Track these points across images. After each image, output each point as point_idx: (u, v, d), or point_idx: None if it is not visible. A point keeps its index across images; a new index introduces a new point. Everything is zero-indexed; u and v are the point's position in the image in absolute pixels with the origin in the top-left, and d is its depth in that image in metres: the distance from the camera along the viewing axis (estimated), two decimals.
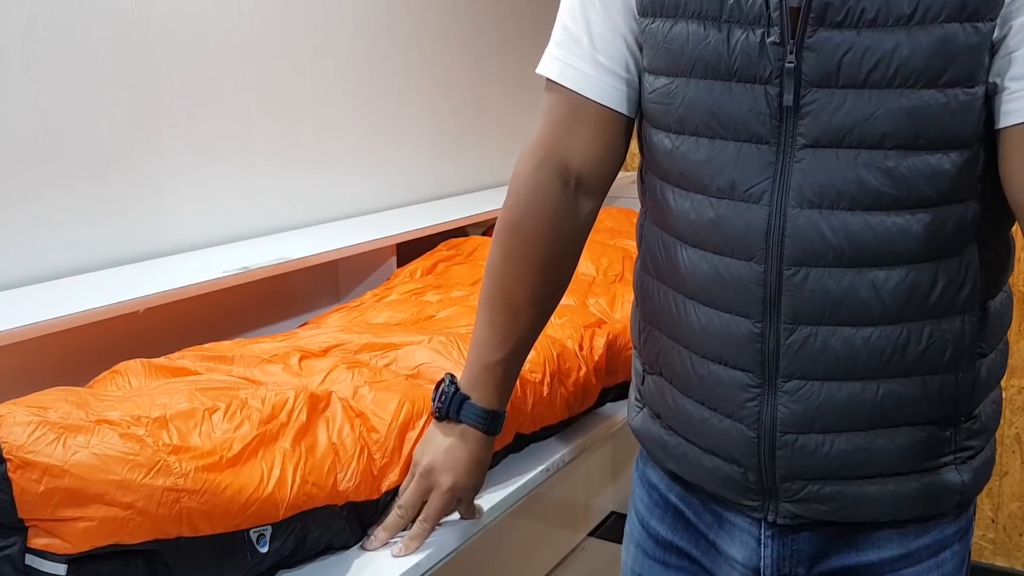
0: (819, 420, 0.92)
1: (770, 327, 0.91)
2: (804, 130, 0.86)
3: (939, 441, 0.94)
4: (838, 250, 0.87)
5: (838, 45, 0.83)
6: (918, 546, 0.97)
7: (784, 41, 0.85)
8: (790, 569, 0.99)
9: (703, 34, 0.89)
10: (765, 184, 0.88)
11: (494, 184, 2.57)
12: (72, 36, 1.46)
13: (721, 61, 0.88)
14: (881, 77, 0.83)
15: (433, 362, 1.35)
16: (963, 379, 0.92)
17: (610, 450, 1.68)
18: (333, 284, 2.07)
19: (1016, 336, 2.58)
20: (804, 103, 0.86)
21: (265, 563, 1.04)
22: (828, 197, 0.86)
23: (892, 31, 0.82)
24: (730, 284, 0.92)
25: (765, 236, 0.89)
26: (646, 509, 1.11)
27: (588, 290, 1.85)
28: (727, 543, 1.02)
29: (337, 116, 2.03)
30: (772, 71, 0.86)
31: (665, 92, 0.93)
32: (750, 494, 0.97)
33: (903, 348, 0.89)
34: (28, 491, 0.87)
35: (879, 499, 0.94)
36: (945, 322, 0.90)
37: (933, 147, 0.84)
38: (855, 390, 0.90)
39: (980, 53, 0.82)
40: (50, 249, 1.47)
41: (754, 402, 0.93)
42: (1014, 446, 2.61)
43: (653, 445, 1.07)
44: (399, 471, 1.18)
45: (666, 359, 1.02)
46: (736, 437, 0.95)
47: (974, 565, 2.66)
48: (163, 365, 1.26)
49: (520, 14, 2.67)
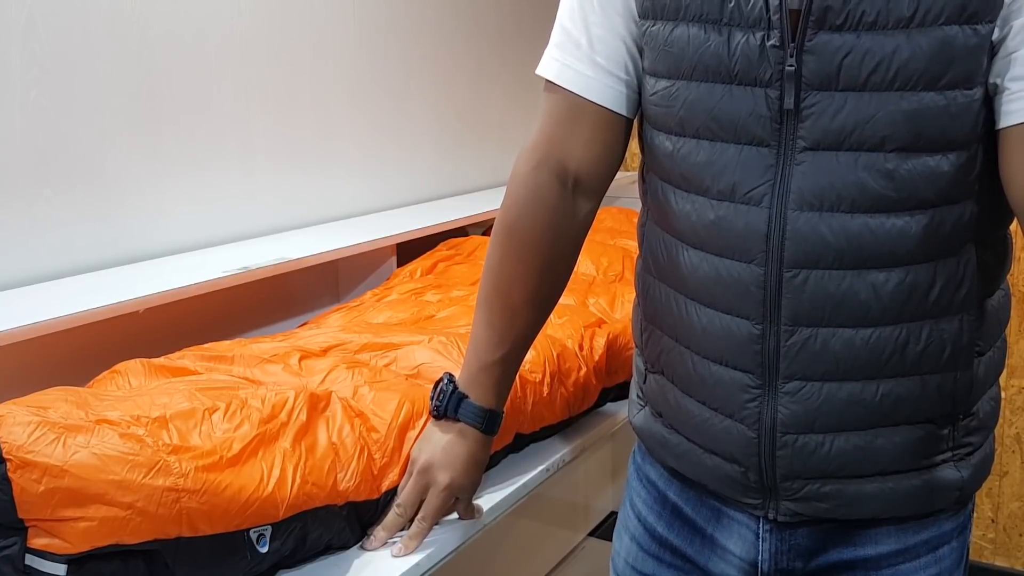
0: (819, 420, 0.92)
1: (770, 328, 0.91)
2: (804, 133, 0.86)
3: (937, 439, 0.94)
4: (838, 252, 0.87)
5: (838, 48, 0.84)
6: (916, 541, 0.98)
7: (784, 44, 0.85)
8: (788, 563, 0.99)
9: (703, 37, 0.89)
10: (765, 187, 0.88)
11: (494, 184, 2.57)
12: (72, 36, 1.46)
13: (721, 64, 0.89)
14: (881, 80, 0.83)
15: (433, 362, 1.35)
16: (961, 377, 0.93)
17: (610, 450, 1.68)
18: (333, 284, 2.07)
19: (1016, 336, 2.58)
20: (804, 106, 0.86)
21: (265, 563, 1.04)
22: (828, 200, 0.87)
23: (892, 34, 0.82)
24: (730, 286, 0.92)
25: (765, 238, 0.89)
26: (643, 504, 1.11)
27: (588, 290, 1.85)
28: (725, 537, 1.02)
29: (337, 116, 2.03)
30: (772, 74, 0.86)
31: (666, 95, 0.94)
32: (751, 493, 0.98)
33: (902, 348, 0.90)
34: (28, 491, 0.87)
35: (878, 497, 0.94)
36: (944, 321, 0.90)
37: (932, 149, 0.84)
38: (855, 390, 0.91)
39: (979, 55, 0.82)
40: (50, 249, 1.47)
41: (754, 403, 0.93)
42: (1014, 446, 2.61)
43: (654, 443, 1.08)
44: (399, 471, 1.18)
45: (667, 358, 1.02)
46: (737, 437, 0.95)
47: (974, 565, 2.66)
48: (163, 365, 1.26)
49: (520, 14, 2.67)
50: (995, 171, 0.87)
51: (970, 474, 0.97)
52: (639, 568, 1.11)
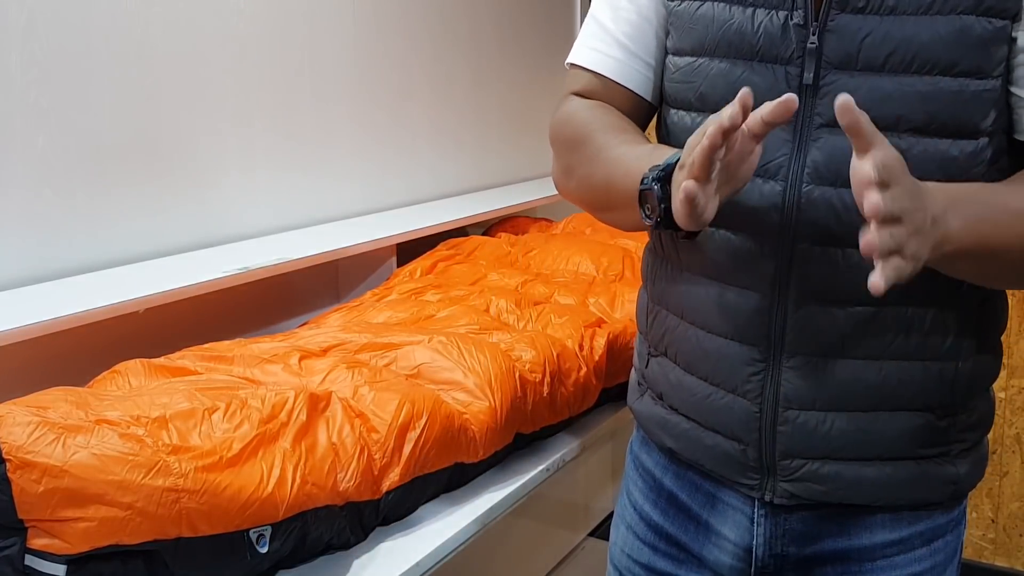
0: (821, 397, 0.93)
1: (778, 302, 0.92)
2: (822, 110, 0.89)
3: (936, 430, 0.95)
4: (849, 228, 0.88)
5: (859, 29, 0.87)
6: (910, 533, 0.99)
7: (807, 23, 0.88)
8: (782, 548, 1.00)
9: (728, 15, 0.92)
10: (782, 159, 0.90)
11: (494, 184, 2.57)
12: (72, 36, 1.46)
13: (744, 41, 0.91)
14: (899, 62, 0.86)
15: (433, 362, 1.35)
16: (962, 368, 0.94)
17: (610, 450, 1.68)
18: (333, 284, 2.07)
19: (1016, 336, 2.58)
20: (823, 83, 0.88)
21: (265, 563, 1.04)
22: (842, 176, 0.88)
23: (912, 19, 0.85)
24: (741, 258, 0.94)
25: (780, 211, 0.90)
26: (639, 493, 1.12)
27: (588, 290, 1.85)
28: (720, 522, 1.03)
29: (337, 116, 2.03)
30: (794, 51, 0.89)
31: (688, 70, 0.96)
32: (748, 472, 0.98)
33: (906, 330, 0.91)
34: (28, 491, 0.87)
35: (875, 482, 0.96)
36: (948, 309, 0.92)
37: (943, 133, 0.87)
38: (857, 369, 0.92)
39: (993, 47, 0.85)
40: (50, 249, 1.47)
41: (758, 376, 0.95)
42: (1014, 446, 2.61)
43: (653, 424, 1.08)
44: (399, 471, 1.18)
45: (672, 337, 1.03)
46: (738, 412, 0.97)
47: (974, 565, 2.66)
48: (163, 365, 1.26)
49: (520, 15, 2.67)
50: (1004, 169, 0.89)
51: (965, 471, 0.98)
52: (635, 557, 1.11)
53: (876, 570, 0.99)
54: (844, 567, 0.99)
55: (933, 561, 0.99)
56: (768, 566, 1.00)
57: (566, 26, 2.95)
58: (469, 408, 1.30)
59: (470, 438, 1.29)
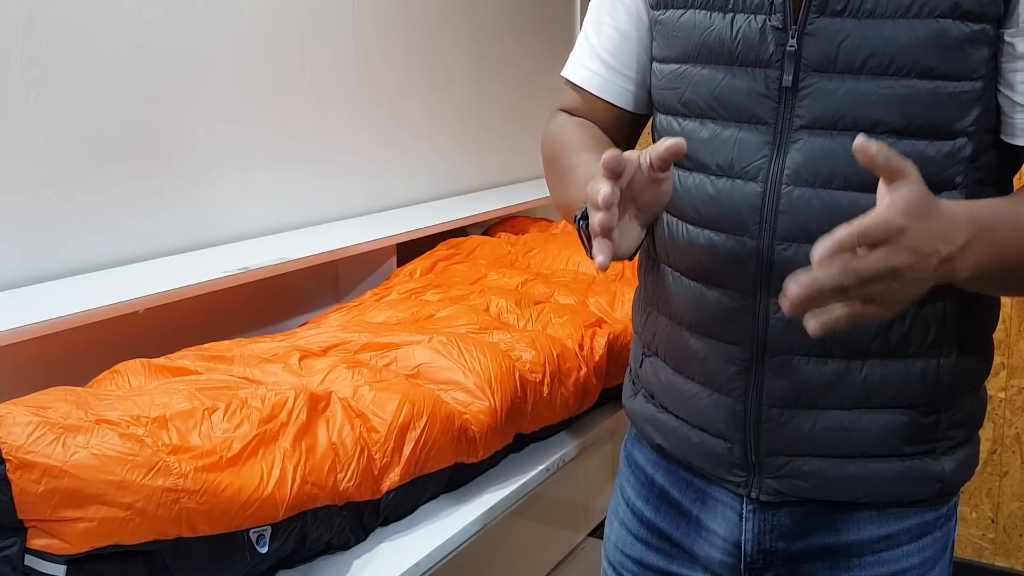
0: (804, 396, 0.94)
1: (760, 302, 0.93)
2: (801, 112, 0.90)
3: (920, 427, 0.96)
4: (828, 226, 0.88)
5: (837, 32, 0.87)
6: (898, 529, 0.99)
7: (787, 26, 0.89)
8: (770, 543, 1.01)
9: (708, 21, 0.94)
10: (762, 162, 0.92)
11: (493, 184, 2.57)
12: (72, 36, 1.46)
13: (724, 47, 0.93)
14: (877, 65, 0.86)
15: (433, 362, 1.35)
16: (944, 364, 0.95)
17: (610, 450, 1.68)
18: (333, 284, 2.07)
19: (1016, 336, 2.58)
20: (803, 86, 0.89)
21: (265, 563, 1.04)
22: (821, 177, 0.90)
23: (890, 22, 0.86)
24: (724, 259, 0.95)
25: (759, 211, 0.92)
26: (632, 489, 1.13)
27: (588, 290, 1.85)
28: (710, 518, 1.04)
29: (337, 116, 2.03)
30: (773, 54, 0.90)
31: (673, 77, 0.98)
32: (735, 469, 1.00)
33: (887, 328, 0.92)
34: (27, 492, 0.87)
35: (860, 478, 0.96)
36: (928, 305, 0.92)
37: (921, 135, 0.88)
38: (840, 368, 0.93)
39: (971, 51, 0.85)
40: (50, 249, 1.47)
41: (742, 375, 0.96)
42: (1014, 446, 2.61)
43: (644, 421, 1.10)
44: (399, 471, 1.18)
45: (662, 337, 1.05)
46: (723, 411, 0.98)
47: (974, 565, 2.66)
48: (163, 365, 1.26)
49: (520, 15, 2.67)
50: (983, 167, 0.90)
51: (952, 468, 0.98)
52: (628, 552, 1.12)
53: (864, 565, 0.99)
54: (832, 562, 1.00)
55: (922, 557, 1.00)
56: (757, 561, 1.01)
57: (566, 26, 2.95)
58: (469, 408, 1.30)
59: (470, 438, 1.29)
